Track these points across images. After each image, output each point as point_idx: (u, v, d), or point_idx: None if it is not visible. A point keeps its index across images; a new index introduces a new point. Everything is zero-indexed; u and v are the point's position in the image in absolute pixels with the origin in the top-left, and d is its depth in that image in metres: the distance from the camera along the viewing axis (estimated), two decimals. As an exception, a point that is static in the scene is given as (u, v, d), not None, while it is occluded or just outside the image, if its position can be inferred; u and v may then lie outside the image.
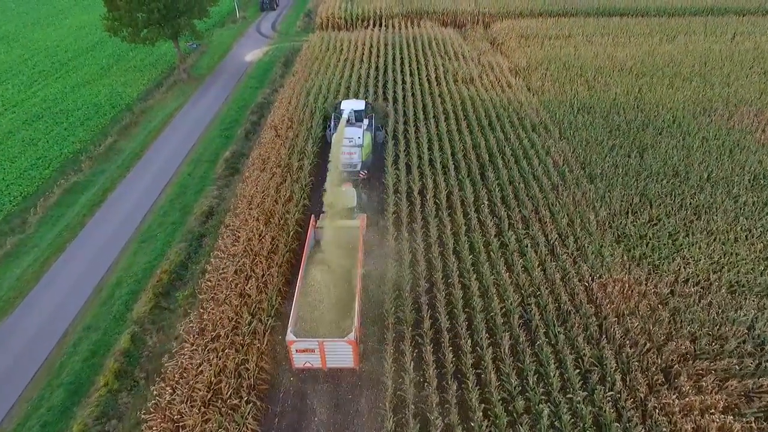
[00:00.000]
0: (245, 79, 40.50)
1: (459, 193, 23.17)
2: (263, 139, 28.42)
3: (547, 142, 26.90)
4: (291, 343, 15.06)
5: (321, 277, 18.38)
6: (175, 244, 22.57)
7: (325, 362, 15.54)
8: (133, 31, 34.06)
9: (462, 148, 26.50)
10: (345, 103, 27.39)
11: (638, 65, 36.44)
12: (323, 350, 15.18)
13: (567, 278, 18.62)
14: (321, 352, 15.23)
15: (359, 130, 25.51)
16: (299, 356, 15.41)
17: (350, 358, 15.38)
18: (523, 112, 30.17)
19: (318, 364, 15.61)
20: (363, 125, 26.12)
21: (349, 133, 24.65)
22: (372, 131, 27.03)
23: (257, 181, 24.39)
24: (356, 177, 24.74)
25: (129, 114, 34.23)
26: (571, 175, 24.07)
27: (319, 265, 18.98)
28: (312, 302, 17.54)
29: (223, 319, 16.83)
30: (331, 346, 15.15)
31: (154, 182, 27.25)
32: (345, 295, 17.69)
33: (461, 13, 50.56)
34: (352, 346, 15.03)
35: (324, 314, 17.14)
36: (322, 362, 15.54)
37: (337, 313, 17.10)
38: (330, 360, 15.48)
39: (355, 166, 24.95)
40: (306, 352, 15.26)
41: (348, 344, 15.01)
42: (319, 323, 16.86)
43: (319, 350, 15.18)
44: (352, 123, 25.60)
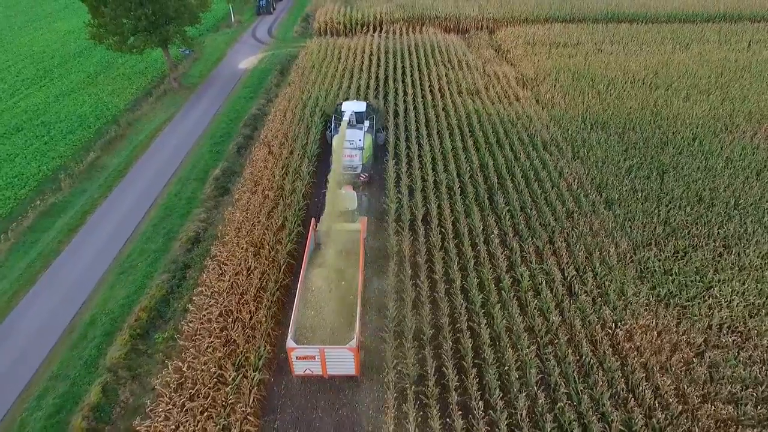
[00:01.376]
0: (239, 88, 38.62)
1: (466, 220, 21.33)
2: (255, 156, 26.55)
3: (559, 162, 25.06)
4: (291, 350, 14.84)
5: (321, 282, 18.06)
6: (157, 276, 20.71)
7: (326, 370, 15.29)
8: (119, 39, 32.17)
9: (468, 168, 24.65)
10: (346, 105, 26.86)
11: (652, 76, 34.64)
12: (324, 357, 14.93)
13: (587, 322, 16.80)
14: (322, 360, 14.99)
15: (360, 133, 25.12)
16: (299, 363, 15.18)
17: (351, 365, 15.15)
18: (532, 127, 28.33)
19: (318, 371, 15.38)
20: (364, 127, 25.76)
21: (349, 135, 24.22)
22: (373, 133, 26.72)
23: (247, 204, 22.55)
24: (357, 179, 24.51)
25: (115, 126, 32.35)
26: (587, 200, 22.25)
27: (320, 269, 18.67)
28: (312, 308, 17.26)
29: (205, 372, 14.99)
30: (333, 354, 14.92)
31: (137, 204, 25.38)
32: (346, 300, 17.39)
33: (465, 19, 48.76)
34: (354, 353, 14.77)
35: (325, 320, 16.82)
36: (323, 370, 15.29)
37: (338, 318, 16.81)
38: (331, 367, 15.25)
39: (356, 169, 24.68)
40: (306, 359, 15.06)
41: (350, 351, 14.75)
42: (320, 329, 16.54)
43: (320, 357, 14.93)
44: (353, 125, 25.18)
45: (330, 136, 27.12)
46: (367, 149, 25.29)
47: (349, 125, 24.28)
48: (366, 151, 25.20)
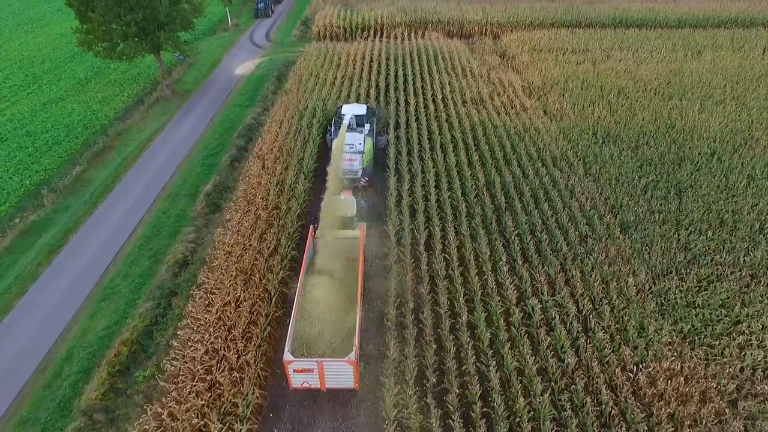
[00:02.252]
0: (234, 95, 37.24)
1: (472, 244, 19.91)
2: (249, 171, 25.14)
3: (570, 180, 23.64)
4: (288, 363, 14.33)
5: (320, 292, 17.56)
6: (140, 304, 19.33)
7: (324, 383, 14.84)
8: (109, 45, 30.77)
9: (474, 186, 23.24)
10: (346, 108, 26.38)
11: (664, 85, 33.22)
12: (322, 370, 14.45)
13: (606, 364, 15.38)
14: (320, 373, 14.50)
15: (360, 136, 24.62)
16: (297, 376, 14.69)
17: (351, 379, 14.69)
18: (541, 141, 26.90)
19: (317, 384, 14.90)
20: (364, 130, 25.31)
21: (349, 139, 23.71)
22: (373, 136, 26.25)
23: (239, 225, 21.14)
24: (357, 184, 24.11)
25: (103, 137, 30.95)
26: (601, 223, 20.82)
27: (318, 278, 18.13)
28: (310, 318, 16.77)
29: (186, 423, 13.59)
30: (331, 367, 14.45)
31: (123, 222, 23.99)
32: (345, 310, 16.88)
33: (468, 23, 47.33)
34: (353, 366, 14.32)
35: (323, 331, 16.35)
36: (321, 383, 14.82)
37: (336, 329, 16.37)
38: (329, 381, 14.81)
39: (356, 173, 24.22)
40: (304, 372, 14.56)
41: (349, 365, 14.30)
42: (318, 341, 16.06)
43: (318, 370, 14.44)
44: (353, 128, 24.71)
45: (330, 140, 26.46)
46: (367, 153, 24.68)
47: (349, 128, 23.69)
48: (366, 155, 24.59)
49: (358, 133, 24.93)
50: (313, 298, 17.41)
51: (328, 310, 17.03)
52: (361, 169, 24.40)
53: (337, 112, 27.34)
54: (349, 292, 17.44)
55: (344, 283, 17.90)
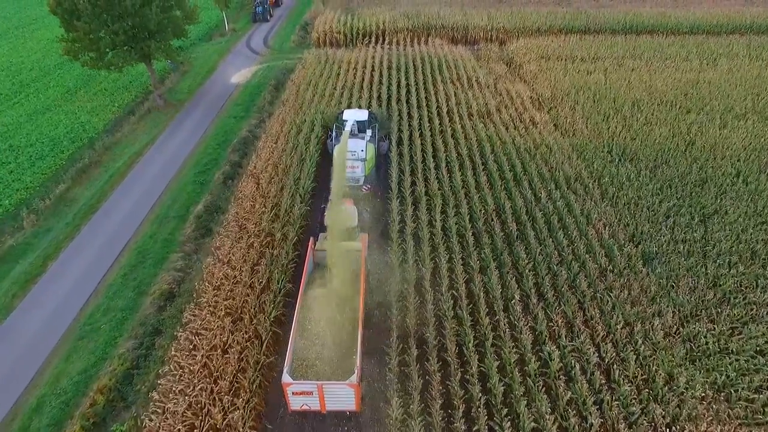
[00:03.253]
0: (229, 105, 35.66)
1: (481, 278, 18.32)
2: (242, 191, 23.60)
3: (586, 203, 22.03)
4: (287, 385, 13.84)
5: (320, 309, 16.89)
6: (121, 343, 17.78)
7: (325, 405, 14.33)
8: (96, 55, 29.20)
9: (482, 211, 21.65)
10: (347, 113, 25.78)
11: (681, 97, 31.56)
12: (322, 393, 13.96)
13: (634, 425, 13.79)
14: (320, 395, 14.01)
15: (362, 143, 24.01)
16: (296, 399, 14.19)
17: (352, 401, 14.17)
18: (552, 159, 25.30)
19: (316, 406, 14.38)
20: (366, 137, 24.74)
21: (351, 145, 23.00)
22: (375, 142, 25.75)
23: (229, 253, 19.61)
24: (359, 191, 23.50)
25: (90, 152, 29.38)
26: (621, 254, 19.20)
27: (318, 293, 17.45)
28: (310, 337, 16.16)
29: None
30: (332, 389, 13.94)
31: (107, 247, 22.44)
32: (346, 327, 16.27)
33: (473, 29, 45.74)
34: (355, 389, 13.81)
35: (323, 351, 15.74)
36: (321, 405, 14.32)
37: (337, 349, 15.72)
38: (330, 403, 14.31)
39: (358, 181, 23.67)
40: (303, 395, 14.10)
41: (350, 387, 13.78)
42: (318, 362, 15.43)
43: (318, 393, 13.95)
44: (354, 134, 24.17)
45: (331, 146, 25.85)
46: (369, 160, 24.07)
47: (350, 135, 23.19)
48: (368, 162, 23.98)
49: (359, 139, 24.27)
50: (312, 314, 16.76)
51: (328, 328, 16.32)
52: (363, 177, 23.81)
53: (338, 118, 26.60)
54: (351, 307, 16.79)
55: (345, 297, 17.18)
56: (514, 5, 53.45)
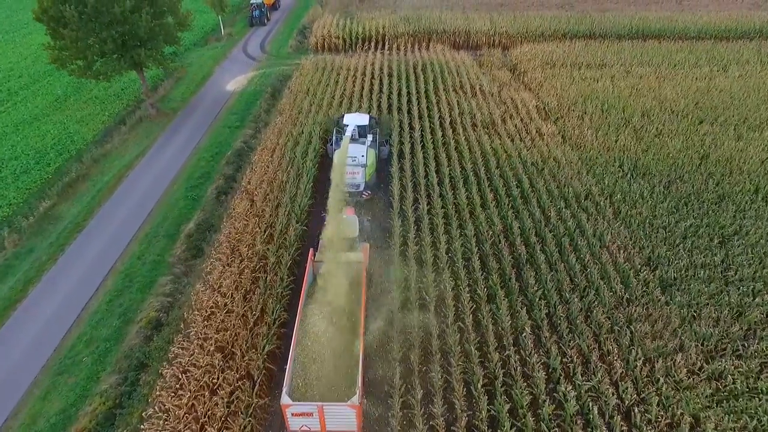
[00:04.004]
0: (224, 114, 34.46)
1: (489, 307, 17.15)
2: (235, 209, 22.42)
3: (598, 223, 20.86)
4: (286, 407, 13.32)
5: (320, 324, 16.29)
6: (104, 378, 16.61)
7: (325, 427, 13.73)
8: (85, 63, 27.98)
9: (489, 232, 20.46)
10: (348, 118, 25.19)
11: (692, 107, 30.42)
12: (323, 415, 13.37)
13: (659, 478, 12.63)
14: (320, 417, 13.43)
15: (363, 148, 23.71)
16: (295, 420, 13.65)
17: (353, 423, 13.58)
18: (561, 175, 24.13)
19: (317, 428, 13.80)
20: (367, 142, 24.35)
21: (352, 151, 22.54)
22: (376, 147, 25.48)
23: (220, 279, 18.43)
24: (359, 197, 23.27)
25: (77, 165, 28.16)
26: (638, 280, 18.04)
27: (318, 308, 16.84)
28: (310, 354, 15.54)
29: None
30: (333, 411, 13.35)
31: (92, 269, 21.24)
32: (347, 344, 15.65)
33: (475, 33, 44.57)
34: (356, 410, 13.28)
35: (323, 369, 15.14)
36: (322, 427, 13.73)
37: (338, 367, 15.12)
38: (330, 424, 13.70)
39: (358, 187, 23.38)
40: (303, 416, 13.54)
41: (351, 409, 13.23)
42: (318, 381, 14.85)
43: (318, 414, 13.36)
44: (355, 139, 23.61)
45: (331, 150, 25.42)
46: (370, 166, 23.79)
47: (351, 140, 22.67)
48: (369, 168, 23.73)
49: (360, 144, 23.82)
50: (312, 330, 16.18)
51: (328, 345, 15.74)
52: (363, 183, 23.46)
53: (338, 122, 26.14)
54: (352, 322, 16.23)
55: (346, 312, 16.61)
56: (516, 9, 52.39)
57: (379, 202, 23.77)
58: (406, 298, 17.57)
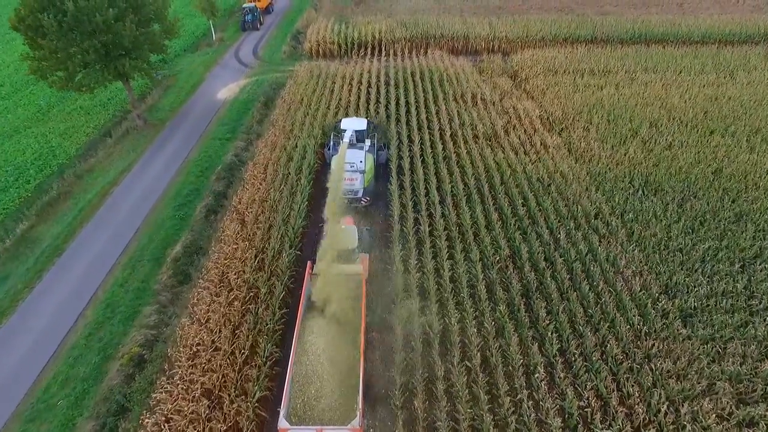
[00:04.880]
0: (215, 125, 33.07)
1: (498, 342, 15.90)
2: (225, 231, 21.08)
3: (610, 246, 19.65)
4: (284, 431, 12.90)
5: (319, 341, 15.75)
6: (80, 425, 15.26)
7: None
8: (66, 74, 26.52)
9: (496, 256, 19.20)
10: (345, 122, 24.78)
11: (701, 116, 29.29)
12: None
13: None
14: None
15: (361, 153, 23.27)
16: None
17: None
18: (569, 191, 22.93)
19: None
20: (365, 147, 23.94)
21: (349, 156, 22.07)
22: (374, 153, 25.02)
23: (208, 311, 17.11)
24: (357, 204, 22.73)
25: (59, 181, 26.72)
26: (656, 310, 16.84)
27: (316, 323, 16.36)
28: (308, 374, 14.92)
29: None
30: None
31: (71, 298, 19.83)
32: (347, 361, 14.97)
33: (474, 38, 43.35)
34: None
35: (322, 389, 14.55)
36: None
37: (338, 386, 14.51)
38: None
39: (357, 193, 22.87)
40: None
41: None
42: (317, 402, 14.22)
43: None
44: (353, 144, 23.21)
45: (329, 156, 25.09)
46: (368, 172, 23.37)
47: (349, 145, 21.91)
48: (367, 174, 23.28)
49: (358, 149, 23.36)
50: (311, 347, 15.65)
51: (328, 363, 15.21)
52: (362, 189, 22.96)
53: (336, 127, 25.70)
54: (352, 338, 15.59)
55: (346, 327, 16.03)
56: (515, 12, 51.19)
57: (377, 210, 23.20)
58: (409, 332, 16.33)
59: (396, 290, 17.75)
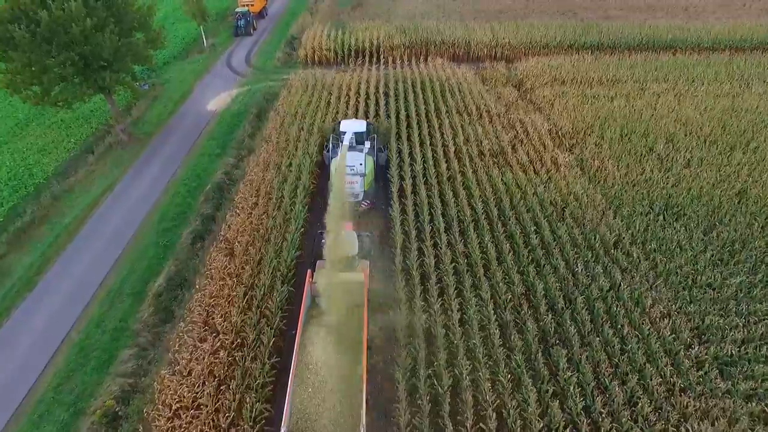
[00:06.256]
0: (204, 139, 31.20)
1: (515, 398, 14.19)
2: (213, 262, 19.27)
3: (634, 280, 17.97)
4: None
5: (319, 352, 15.52)
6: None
7: None
8: (41, 89, 24.60)
9: (508, 294, 17.48)
10: (345, 124, 24.45)
11: (719, 131, 27.67)
12: None
13: None
14: None
15: (361, 156, 22.94)
16: None
17: None
18: (584, 216, 21.24)
19: None
20: (365, 148, 23.55)
21: (349, 159, 21.80)
22: (374, 154, 24.71)
23: (191, 361, 15.34)
24: (358, 208, 22.45)
25: (34, 205, 24.82)
26: (689, 359, 15.16)
27: (317, 334, 16.09)
28: (310, 386, 14.67)
29: None
30: None
31: (41, 341, 17.97)
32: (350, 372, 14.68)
33: (476, 45, 41.63)
34: None
35: (325, 401, 14.28)
36: None
37: (341, 399, 14.23)
38: None
39: (357, 197, 22.57)
40: None
41: None
42: (320, 414, 13.93)
43: None
44: (352, 146, 22.86)
45: (329, 158, 24.80)
46: (368, 174, 23.04)
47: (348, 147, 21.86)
48: (367, 177, 22.92)
49: (358, 152, 23.01)
50: (312, 360, 15.33)
51: (330, 375, 14.88)
52: (362, 192, 22.69)
53: (335, 129, 25.33)
54: (354, 348, 15.17)
55: (348, 338, 15.67)
56: (517, 17, 49.61)
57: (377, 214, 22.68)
58: (414, 386, 14.61)
59: (398, 335, 16.02)
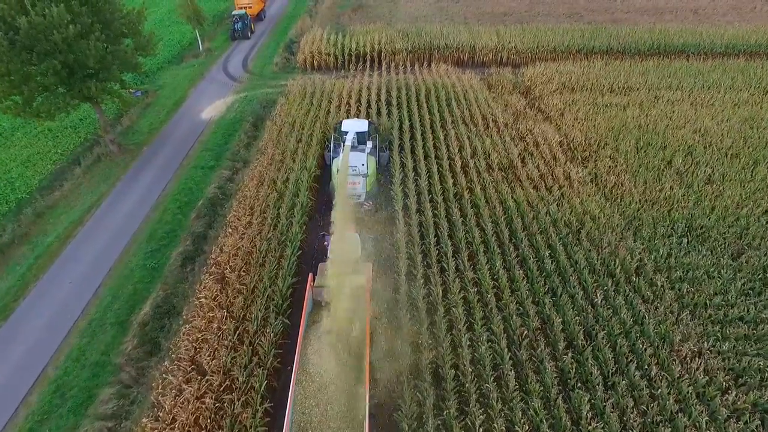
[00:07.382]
0: (197, 150, 29.75)
1: (534, 452, 12.77)
2: (202, 290, 17.82)
3: (659, 313, 16.53)
4: None
5: (321, 360, 15.17)
6: None
7: None
8: (22, 100, 23.14)
9: (523, 328, 16.03)
10: (346, 124, 24.34)
11: (740, 143, 26.25)
12: None
13: None
14: None
15: (363, 156, 22.82)
16: None
17: None
18: (601, 239, 19.79)
19: None
20: (366, 148, 23.47)
21: (352, 160, 21.89)
22: (376, 154, 24.54)
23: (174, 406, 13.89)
24: (360, 209, 22.17)
25: (15, 223, 23.38)
26: (726, 407, 13.71)
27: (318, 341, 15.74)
28: (311, 397, 14.28)
29: None
30: None
31: (13, 379, 16.51)
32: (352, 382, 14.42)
33: (481, 49, 40.19)
34: None
35: (328, 410, 13.88)
36: None
37: (343, 409, 13.85)
38: None
39: (359, 197, 22.37)
40: None
41: None
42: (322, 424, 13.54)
43: None
44: (354, 146, 22.74)
45: (329, 158, 24.69)
46: (370, 175, 22.80)
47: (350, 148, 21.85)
48: (370, 177, 22.69)
49: (360, 152, 22.90)
50: (313, 368, 14.99)
51: (331, 384, 14.51)
52: (364, 193, 22.49)
53: (336, 128, 25.13)
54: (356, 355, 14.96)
55: (350, 344, 15.39)
56: (522, 19, 48.22)
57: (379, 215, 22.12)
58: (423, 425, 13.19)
59: (402, 377, 14.57)
